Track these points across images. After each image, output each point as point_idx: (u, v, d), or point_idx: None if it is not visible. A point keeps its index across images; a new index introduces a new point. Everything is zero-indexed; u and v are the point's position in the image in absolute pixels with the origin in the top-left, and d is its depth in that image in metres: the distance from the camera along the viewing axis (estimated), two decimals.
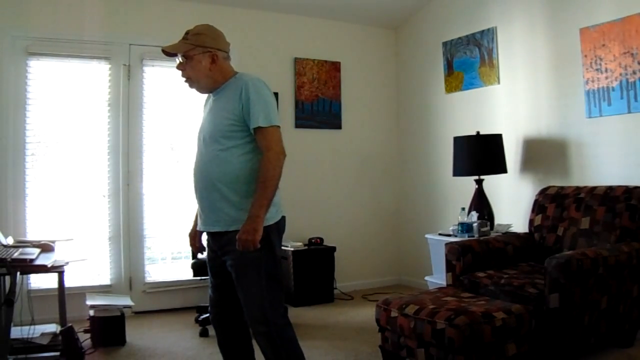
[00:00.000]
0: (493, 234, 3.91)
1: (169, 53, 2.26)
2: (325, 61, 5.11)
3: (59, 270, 3.13)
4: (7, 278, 2.75)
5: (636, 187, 3.27)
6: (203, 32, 2.25)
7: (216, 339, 2.39)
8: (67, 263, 3.19)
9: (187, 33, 2.27)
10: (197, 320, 3.91)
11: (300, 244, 4.66)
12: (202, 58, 2.22)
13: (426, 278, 4.38)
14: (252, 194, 2.11)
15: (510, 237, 3.68)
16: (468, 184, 4.31)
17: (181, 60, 2.25)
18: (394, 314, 2.83)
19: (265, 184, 2.08)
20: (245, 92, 2.15)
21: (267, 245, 2.12)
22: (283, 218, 2.27)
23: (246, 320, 2.22)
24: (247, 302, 2.17)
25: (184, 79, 2.28)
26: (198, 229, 2.34)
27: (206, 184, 2.19)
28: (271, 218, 2.16)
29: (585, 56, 3.77)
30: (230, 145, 2.16)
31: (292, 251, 4.55)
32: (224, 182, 2.15)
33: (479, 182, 4.19)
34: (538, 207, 3.69)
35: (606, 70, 3.65)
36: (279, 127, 2.18)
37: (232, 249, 2.12)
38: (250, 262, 2.12)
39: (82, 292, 3.87)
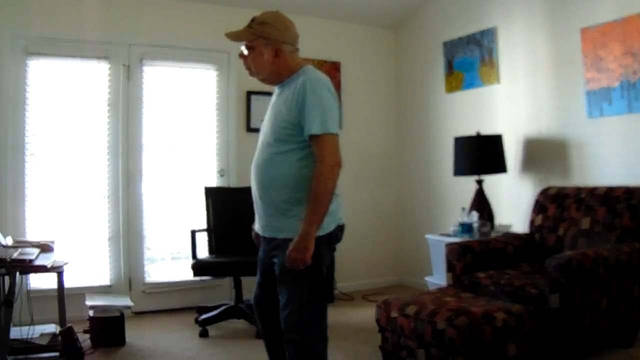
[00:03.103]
0: (493, 234, 3.90)
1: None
2: (325, 61, 5.10)
3: (58, 270, 3.13)
4: (7, 278, 2.75)
5: (637, 188, 3.26)
6: (268, 22, 2.06)
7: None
8: (67, 263, 3.19)
9: (252, 20, 2.07)
10: (197, 321, 3.90)
11: None
12: (265, 50, 2.04)
13: (426, 278, 4.37)
14: (304, 202, 1.96)
15: (510, 237, 3.68)
16: (468, 184, 4.30)
17: (243, 50, 2.08)
18: (394, 314, 2.83)
19: (315, 199, 1.93)
20: (301, 93, 1.95)
21: (313, 257, 1.97)
22: (339, 227, 2.12)
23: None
24: (285, 309, 2.05)
25: (245, 67, 2.13)
26: (254, 227, 2.25)
27: (257, 187, 2.08)
28: (323, 228, 2.00)
29: (586, 56, 3.76)
30: (285, 149, 2.00)
31: None
32: (275, 187, 2.02)
33: (480, 182, 4.18)
34: (538, 207, 3.69)
35: (607, 70, 3.64)
36: (336, 135, 1.97)
37: (277, 254, 2.03)
38: (295, 272, 1.98)
39: (81, 292, 3.87)
